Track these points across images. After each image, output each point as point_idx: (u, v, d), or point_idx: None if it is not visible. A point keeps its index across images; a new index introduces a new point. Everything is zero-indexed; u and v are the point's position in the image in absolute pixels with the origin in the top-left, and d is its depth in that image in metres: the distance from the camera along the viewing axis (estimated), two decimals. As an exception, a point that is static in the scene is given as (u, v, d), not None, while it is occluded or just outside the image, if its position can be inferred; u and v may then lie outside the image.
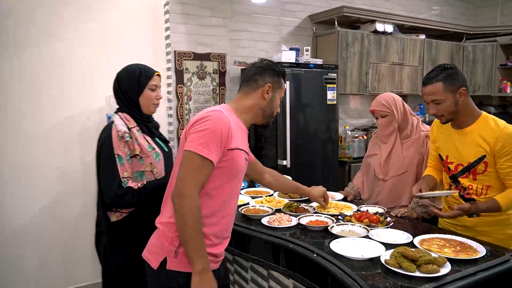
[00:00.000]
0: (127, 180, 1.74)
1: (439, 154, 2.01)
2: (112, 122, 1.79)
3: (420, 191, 1.89)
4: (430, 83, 1.80)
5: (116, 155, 1.73)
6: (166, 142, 1.98)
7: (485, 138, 1.78)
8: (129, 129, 1.79)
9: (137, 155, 1.79)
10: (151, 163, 1.82)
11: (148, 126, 1.88)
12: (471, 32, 4.87)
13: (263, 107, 1.60)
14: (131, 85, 1.82)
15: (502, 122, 1.80)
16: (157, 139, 1.91)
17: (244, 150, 1.53)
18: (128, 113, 1.84)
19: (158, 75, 1.91)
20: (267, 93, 1.59)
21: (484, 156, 1.79)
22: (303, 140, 3.41)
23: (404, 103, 2.26)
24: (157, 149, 1.86)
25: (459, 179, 1.90)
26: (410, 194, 2.05)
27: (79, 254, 3.05)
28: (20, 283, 2.91)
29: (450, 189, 1.97)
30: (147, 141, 1.84)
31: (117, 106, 1.89)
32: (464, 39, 4.94)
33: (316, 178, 3.48)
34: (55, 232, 2.98)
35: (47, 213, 2.94)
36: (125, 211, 1.81)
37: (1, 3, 2.77)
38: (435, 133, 2.05)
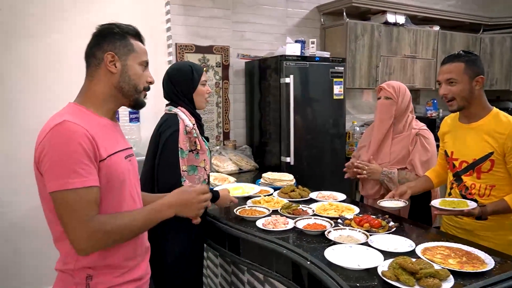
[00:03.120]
0: (184, 177, 1.84)
1: (445, 151, 1.93)
2: (176, 115, 1.87)
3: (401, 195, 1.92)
4: (452, 61, 1.76)
5: (179, 149, 1.82)
6: (207, 140, 2.08)
7: (494, 135, 1.69)
8: (192, 124, 1.88)
9: (195, 150, 1.89)
10: (204, 160, 1.93)
11: (201, 125, 1.98)
12: (489, 23, 4.64)
13: (117, 84, 1.24)
14: (186, 83, 1.92)
15: None
16: (203, 137, 2.00)
17: (121, 150, 1.26)
18: (186, 109, 1.92)
19: (206, 70, 1.94)
20: (113, 64, 1.22)
21: (492, 153, 1.70)
22: (308, 137, 3.29)
23: (411, 100, 2.26)
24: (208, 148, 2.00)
25: (462, 177, 1.82)
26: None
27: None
28: (18, 278, 2.89)
29: (452, 188, 1.88)
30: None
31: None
32: (482, 30, 4.71)
33: (323, 176, 3.36)
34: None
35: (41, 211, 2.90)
36: None
37: (-2, -5, 2.72)
38: (444, 128, 1.97)
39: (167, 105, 1.98)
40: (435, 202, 1.75)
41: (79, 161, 1.08)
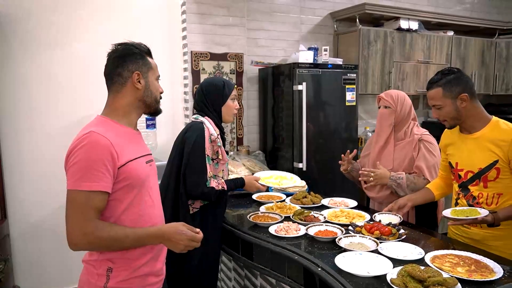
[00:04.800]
0: (210, 179, 1.95)
1: (449, 162, 1.93)
2: (202, 123, 2.00)
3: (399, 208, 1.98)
4: (431, 88, 1.83)
5: (206, 155, 1.95)
6: (227, 153, 2.22)
7: (497, 143, 1.71)
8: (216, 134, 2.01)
9: (217, 159, 2.01)
10: (223, 170, 2.06)
11: (223, 137, 2.11)
12: (505, 28, 4.60)
13: (141, 98, 1.41)
14: (217, 97, 2.07)
15: None
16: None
17: (141, 156, 1.41)
18: (212, 119, 2.05)
19: (236, 87, 2.03)
20: (139, 82, 1.39)
21: (497, 161, 1.71)
22: (321, 142, 3.32)
23: (412, 107, 2.29)
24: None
25: (469, 187, 1.82)
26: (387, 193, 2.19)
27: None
28: (39, 277, 3.01)
29: (458, 198, 1.89)
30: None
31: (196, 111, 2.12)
32: (497, 34, 4.67)
33: (335, 181, 3.38)
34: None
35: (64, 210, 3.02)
36: (197, 206, 1.99)
37: (22, 5, 2.84)
38: (446, 140, 1.98)
39: (194, 113, 2.11)
40: (447, 212, 1.76)
41: (95, 168, 1.23)
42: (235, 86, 2.12)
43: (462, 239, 1.89)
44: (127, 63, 1.39)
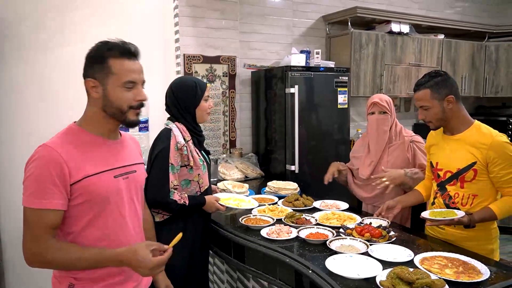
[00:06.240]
0: (174, 190, 1.88)
1: (431, 162, 2.00)
2: (170, 130, 1.91)
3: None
4: (418, 89, 1.86)
5: (170, 164, 1.86)
6: (208, 154, 2.12)
7: (477, 146, 1.76)
8: (185, 141, 1.92)
9: (189, 165, 1.93)
10: (198, 174, 1.98)
11: (199, 140, 2.03)
12: (494, 31, 4.66)
13: (103, 107, 1.26)
14: (189, 98, 1.96)
15: (494, 131, 1.79)
16: (202, 151, 2.06)
17: (110, 169, 1.28)
18: (184, 124, 1.96)
19: (207, 86, 2.05)
20: (94, 89, 1.24)
21: (475, 163, 1.76)
22: (313, 145, 3.35)
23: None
24: (204, 162, 2.03)
25: (447, 186, 1.88)
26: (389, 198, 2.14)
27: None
28: (30, 281, 2.99)
29: (435, 197, 1.95)
30: (197, 153, 1.98)
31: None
32: (487, 38, 4.73)
33: (327, 184, 3.40)
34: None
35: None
36: (166, 214, 1.94)
37: (15, 8, 2.83)
38: (430, 141, 2.04)
39: (168, 119, 2.02)
40: (425, 214, 1.82)
41: (45, 184, 1.16)
42: (207, 84, 2.05)
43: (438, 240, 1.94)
44: (85, 67, 1.27)
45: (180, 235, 1.29)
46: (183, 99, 1.96)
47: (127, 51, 1.27)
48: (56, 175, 1.17)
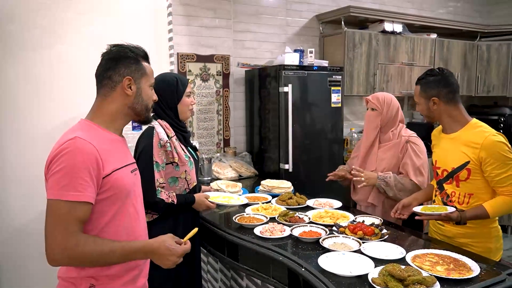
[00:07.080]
0: (161, 189, 1.85)
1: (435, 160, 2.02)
2: (153, 128, 1.88)
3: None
4: (416, 84, 1.96)
5: (154, 162, 1.83)
6: (195, 150, 2.10)
7: (470, 145, 1.78)
8: (169, 137, 1.89)
9: (174, 162, 1.90)
10: (185, 171, 1.95)
11: (184, 136, 2.01)
12: (486, 31, 4.70)
13: (131, 105, 1.33)
14: (170, 94, 1.94)
15: (489, 130, 1.79)
16: (189, 147, 2.03)
17: (126, 164, 1.33)
18: (167, 121, 1.94)
19: (189, 82, 2.02)
20: (130, 88, 1.31)
21: (468, 163, 1.78)
22: (307, 144, 3.36)
23: (400, 109, 2.32)
24: (191, 158, 1.99)
25: (444, 185, 1.91)
26: (376, 194, 2.24)
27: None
28: (24, 282, 2.97)
29: (435, 195, 1.97)
30: (183, 150, 1.96)
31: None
32: (479, 37, 4.78)
33: (321, 182, 3.40)
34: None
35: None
36: (155, 214, 1.91)
37: (5, 7, 2.80)
38: (433, 140, 2.07)
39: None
40: (417, 208, 1.85)
41: (79, 177, 1.15)
42: (189, 80, 2.04)
43: (438, 236, 1.96)
44: (119, 66, 1.30)
45: (195, 229, 1.35)
46: (164, 96, 1.92)
47: (147, 56, 1.41)
48: (92, 167, 1.17)
